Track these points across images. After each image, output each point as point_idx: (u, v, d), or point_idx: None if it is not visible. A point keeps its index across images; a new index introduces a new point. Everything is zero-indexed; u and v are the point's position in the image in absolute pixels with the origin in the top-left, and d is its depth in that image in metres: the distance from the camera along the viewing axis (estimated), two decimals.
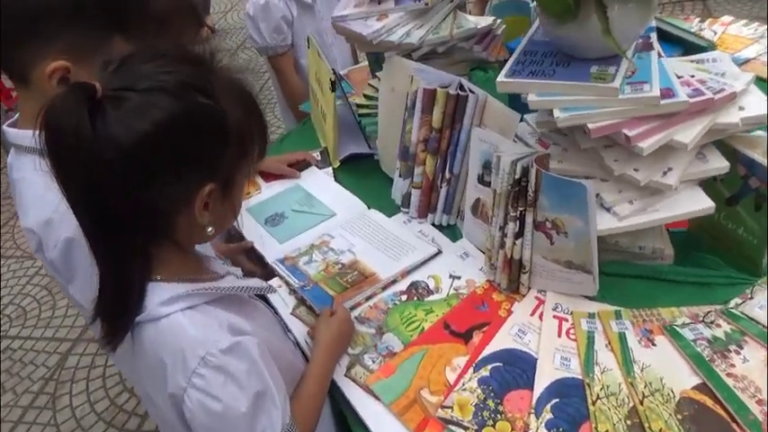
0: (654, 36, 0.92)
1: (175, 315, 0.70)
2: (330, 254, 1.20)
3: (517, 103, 0.98)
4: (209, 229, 0.73)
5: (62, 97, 0.61)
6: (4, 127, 0.88)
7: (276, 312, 1.05)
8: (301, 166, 1.49)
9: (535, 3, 0.85)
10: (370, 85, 1.50)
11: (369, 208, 1.33)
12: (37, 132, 0.61)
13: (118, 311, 0.71)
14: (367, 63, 1.85)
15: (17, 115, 0.90)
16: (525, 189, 0.92)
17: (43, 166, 0.63)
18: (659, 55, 0.90)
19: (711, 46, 1.14)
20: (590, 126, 0.83)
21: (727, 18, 1.74)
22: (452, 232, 1.24)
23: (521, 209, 0.94)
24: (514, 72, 0.90)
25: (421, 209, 1.25)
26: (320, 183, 1.43)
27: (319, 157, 1.54)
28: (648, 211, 0.92)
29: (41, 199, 0.85)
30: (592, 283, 0.95)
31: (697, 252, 1.06)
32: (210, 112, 0.67)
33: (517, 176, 0.92)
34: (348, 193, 1.38)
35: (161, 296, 0.71)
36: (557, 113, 0.85)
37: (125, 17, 0.85)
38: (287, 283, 1.15)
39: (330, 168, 1.48)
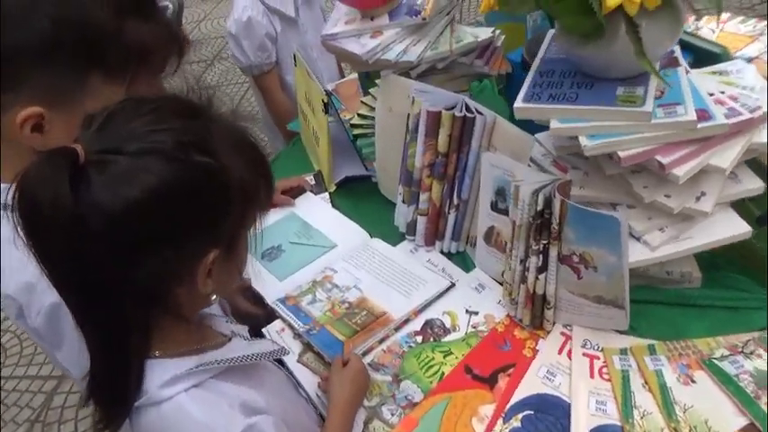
0: (678, 50, 0.86)
1: (179, 397, 0.62)
2: (335, 291, 1.12)
3: (526, 120, 0.91)
4: (213, 297, 0.65)
5: (38, 166, 0.53)
6: None
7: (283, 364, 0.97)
8: (295, 192, 1.41)
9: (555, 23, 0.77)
10: (363, 103, 1.42)
11: (371, 236, 1.25)
12: (9, 203, 0.53)
13: (114, 396, 0.62)
14: (356, 76, 1.78)
15: None
16: (548, 221, 0.85)
17: None
18: (686, 71, 0.84)
19: (725, 53, 1.08)
20: (621, 154, 0.77)
21: (723, 15, 1.69)
22: (463, 260, 1.17)
23: (544, 242, 0.87)
24: (533, 96, 0.83)
25: (428, 237, 1.18)
26: (317, 210, 1.35)
27: (313, 182, 1.45)
28: (681, 239, 0.86)
29: (20, 261, 0.76)
30: (623, 318, 0.89)
31: (726, 273, 1.00)
32: (210, 172, 0.58)
33: (539, 208, 0.85)
34: (347, 220, 1.30)
35: (162, 376, 0.63)
36: (584, 141, 0.78)
37: (103, 52, 0.76)
38: (290, 327, 1.07)
39: (326, 193, 1.40)
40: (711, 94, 0.81)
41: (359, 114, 1.42)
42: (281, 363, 1.03)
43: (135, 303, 0.59)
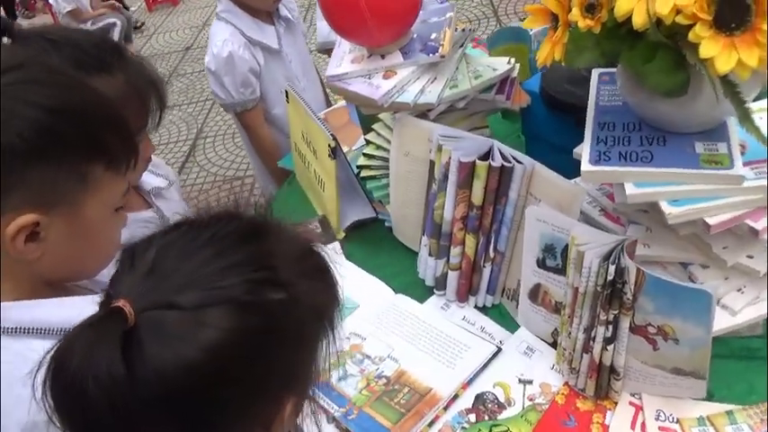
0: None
1: None
2: (367, 363, 1.01)
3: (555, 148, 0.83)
4: None
5: (81, 337, 0.41)
6: None
7: None
8: None
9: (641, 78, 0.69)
10: (368, 141, 1.31)
11: (395, 292, 1.15)
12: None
13: None
14: (344, 104, 1.67)
15: None
16: (621, 291, 0.77)
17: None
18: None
19: None
20: (710, 221, 0.68)
21: None
22: (500, 314, 1.08)
23: (614, 312, 0.79)
24: (601, 156, 0.74)
25: (461, 292, 1.08)
26: (331, 264, 1.23)
27: (319, 229, 1.34)
28: (762, 299, 0.78)
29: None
30: (702, 388, 0.81)
31: None
32: (287, 309, 0.47)
33: (611, 278, 0.76)
34: (366, 274, 1.19)
35: None
36: (667, 208, 0.70)
37: (98, 142, 0.64)
38: (323, 410, 0.96)
39: (337, 243, 1.29)
40: None
41: (365, 154, 1.32)
42: None
43: None
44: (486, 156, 0.97)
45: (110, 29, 4.39)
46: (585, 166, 0.74)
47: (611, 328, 0.80)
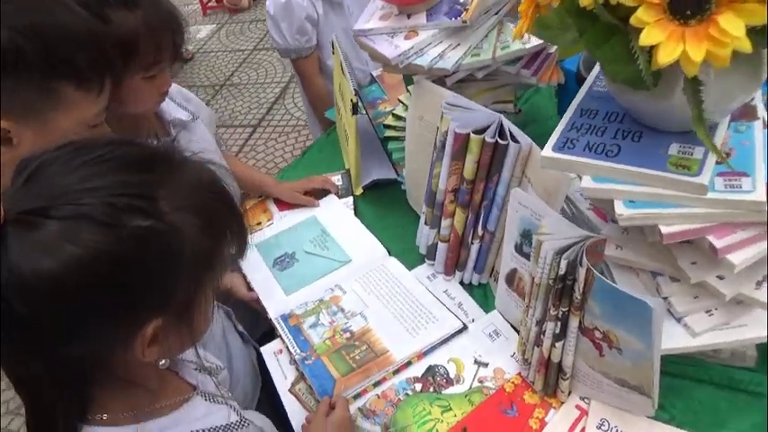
0: (760, 97, 0.69)
1: None
2: (339, 316, 1.04)
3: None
4: (162, 362, 0.58)
5: None
6: None
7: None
8: (320, 194, 1.32)
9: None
10: (400, 101, 1.30)
11: (390, 253, 1.16)
12: None
13: None
14: None
15: None
16: (571, 288, 0.73)
17: None
18: (765, 124, 0.68)
19: None
20: (663, 230, 0.63)
21: None
22: (484, 294, 1.06)
23: (563, 309, 0.75)
24: (566, 143, 0.70)
25: (448, 265, 1.07)
26: (338, 217, 1.26)
27: (340, 181, 1.36)
28: (732, 326, 0.71)
29: None
30: (649, 407, 0.76)
31: None
32: (148, 238, 0.50)
33: (561, 272, 0.72)
34: (368, 233, 1.21)
35: None
36: (619, 208, 0.65)
37: (71, 59, 0.69)
38: (288, 350, 1.00)
39: (350, 199, 1.31)
40: None
41: (393, 114, 1.31)
42: (272, 387, 0.98)
43: (61, 370, 0.53)
44: (484, 131, 0.94)
45: None
46: (546, 151, 0.70)
47: (559, 324, 0.77)
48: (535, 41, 1.07)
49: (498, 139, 0.91)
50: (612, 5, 0.52)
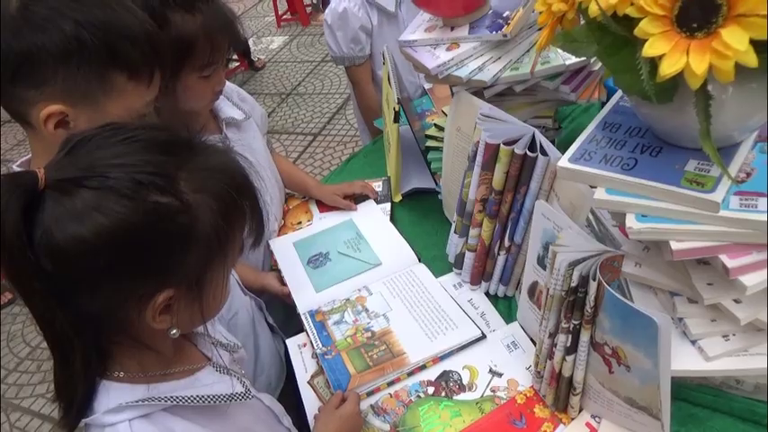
0: None
1: (120, 426, 0.61)
2: (363, 316, 1.06)
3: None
4: (173, 331, 0.63)
5: (2, 186, 0.53)
6: (14, 166, 0.83)
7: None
8: (359, 198, 1.36)
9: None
10: (443, 113, 1.33)
11: (420, 260, 1.17)
12: None
13: (66, 407, 0.63)
14: None
15: (29, 156, 0.85)
16: (583, 301, 0.73)
17: None
18: None
19: None
20: (673, 246, 0.62)
21: None
22: (508, 306, 1.06)
23: (575, 322, 0.75)
24: (584, 154, 0.70)
25: (474, 275, 1.08)
26: (374, 222, 1.29)
27: (381, 188, 1.40)
28: (750, 354, 0.69)
29: None
30: (657, 429, 0.74)
31: None
32: (166, 213, 0.55)
33: (573, 284, 0.72)
34: (400, 238, 1.23)
35: (111, 400, 0.62)
36: (630, 222, 0.64)
37: (125, 53, 0.76)
38: (311, 343, 1.04)
39: (388, 205, 1.34)
40: None
41: (435, 125, 1.34)
42: (292, 375, 1.02)
43: (82, 324, 0.58)
44: (515, 142, 0.95)
45: None
46: (563, 161, 0.70)
47: (571, 338, 0.76)
48: (576, 58, 1.07)
49: (528, 152, 0.92)
50: (621, 17, 0.53)
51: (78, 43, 0.72)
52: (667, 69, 0.50)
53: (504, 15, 1.07)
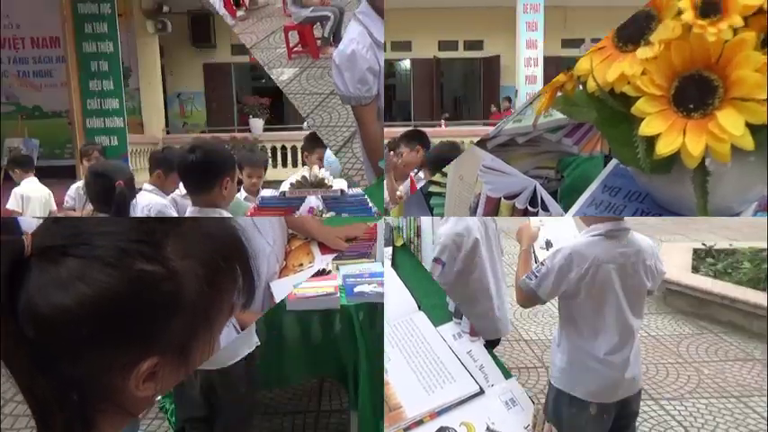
0: None
1: None
2: None
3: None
4: (158, 398, 0.62)
5: None
6: None
7: None
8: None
9: None
10: None
11: (419, 307, 1.17)
12: None
13: None
14: None
15: None
16: None
17: None
18: None
19: None
20: None
21: None
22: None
23: None
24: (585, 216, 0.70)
25: (473, 326, 1.07)
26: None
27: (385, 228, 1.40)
28: None
29: None
30: None
31: None
32: (152, 281, 0.54)
33: None
34: (400, 284, 1.23)
35: None
36: None
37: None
38: None
39: (390, 249, 1.34)
40: None
41: (441, 172, 1.34)
42: None
43: (65, 392, 0.58)
44: (516, 196, 0.95)
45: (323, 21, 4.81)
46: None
47: None
48: None
49: (528, 207, 0.92)
50: (617, 93, 0.54)
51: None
52: (664, 149, 0.50)
53: None
